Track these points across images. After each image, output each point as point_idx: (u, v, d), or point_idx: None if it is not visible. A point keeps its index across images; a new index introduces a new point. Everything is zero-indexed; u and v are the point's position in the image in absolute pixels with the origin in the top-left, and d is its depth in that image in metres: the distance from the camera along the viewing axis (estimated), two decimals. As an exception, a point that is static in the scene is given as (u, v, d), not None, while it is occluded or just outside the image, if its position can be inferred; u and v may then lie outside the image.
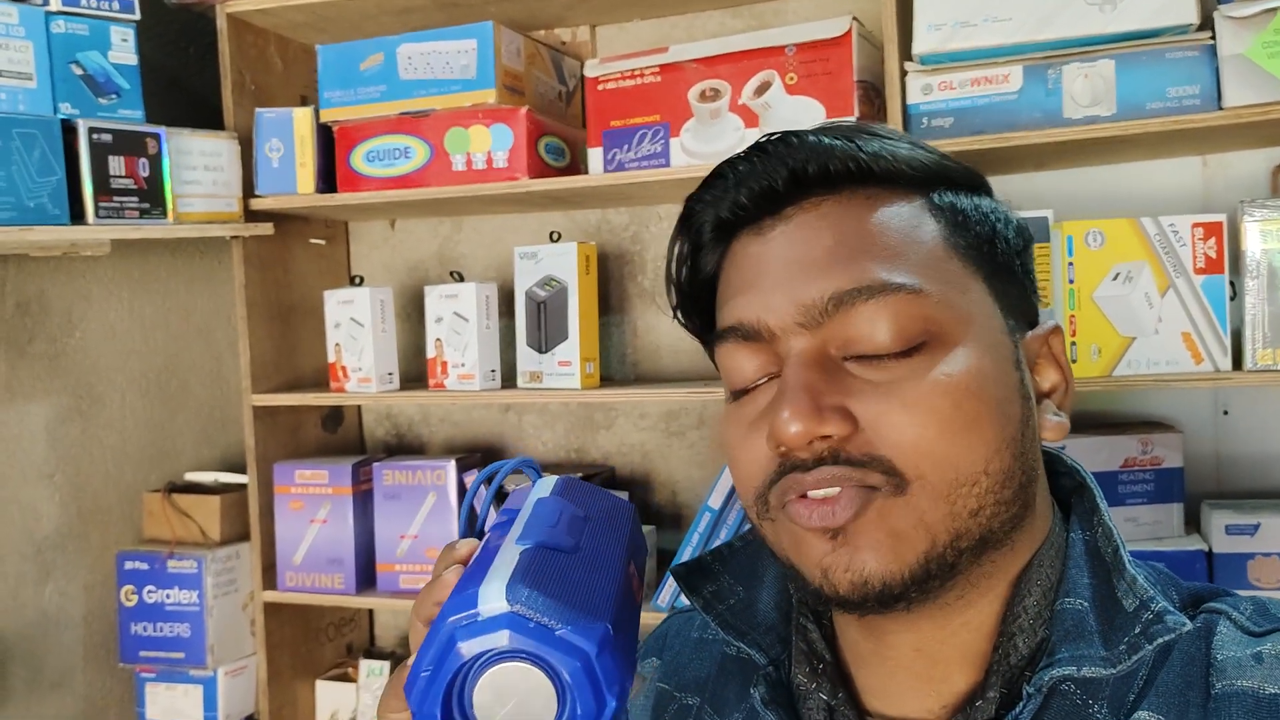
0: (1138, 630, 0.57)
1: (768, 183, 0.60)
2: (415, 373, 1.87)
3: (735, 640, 0.68)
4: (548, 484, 0.60)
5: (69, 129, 1.42)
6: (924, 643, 0.61)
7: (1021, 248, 0.64)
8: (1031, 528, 0.61)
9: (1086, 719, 0.56)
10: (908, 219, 0.60)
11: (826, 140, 0.60)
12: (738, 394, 0.62)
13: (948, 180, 0.63)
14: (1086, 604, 0.59)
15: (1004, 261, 0.62)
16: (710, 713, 0.71)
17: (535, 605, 0.49)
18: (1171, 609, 0.57)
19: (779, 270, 0.59)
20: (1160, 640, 0.56)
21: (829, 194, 0.60)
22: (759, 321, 0.59)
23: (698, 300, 0.67)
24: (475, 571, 0.52)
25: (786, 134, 0.61)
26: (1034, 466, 0.60)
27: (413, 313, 1.90)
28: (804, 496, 0.57)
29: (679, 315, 0.68)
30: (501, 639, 0.49)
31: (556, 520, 0.55)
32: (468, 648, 0.49)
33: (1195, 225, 1.31)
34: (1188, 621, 0.57)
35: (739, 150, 0.63)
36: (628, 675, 0.50)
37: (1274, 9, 1.22)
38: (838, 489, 0.55)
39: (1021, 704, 0.56)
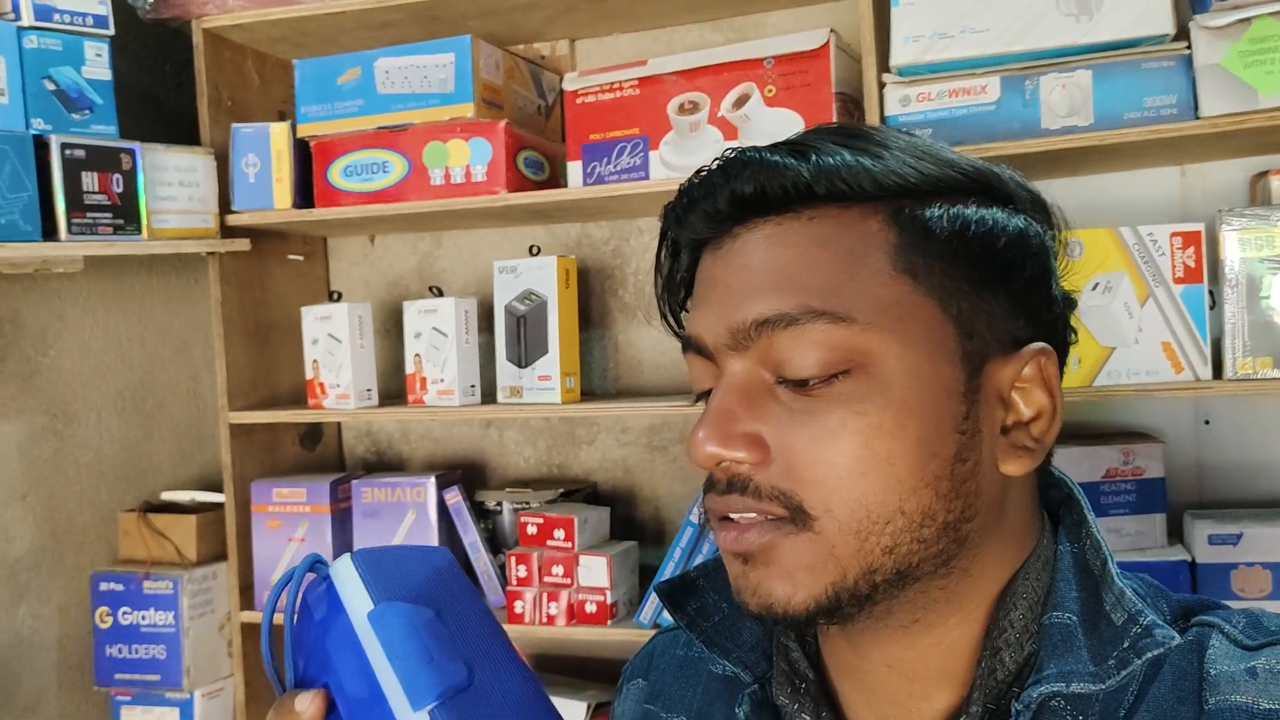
0: (1126, 644, 0.56)
1: (711, 205, 0.60)
2: (395, 389, 1.86)
3: (720, 658, 0.67)
4: (350, 581, 0.54)
5: (41, 145, 1.40)
6: (894, 660, 0.60)
7: (1023, 263, 0.59)
8: (1001, 549, 0.59)
9: None
10: (848, 241, 0.57)
11: (774, 158, 0.58)
12: (699, 399, 0.64)
13: (935, 191, 0.59)
14: (1075, 618, 0.57)
15: (985, 279, 0.58)
16: None
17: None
18: (1160, 622, 0.56)
19: (719, 291, 0.59)
20: (1149, 655, 0.55)
21: (770, 215, 0.59)
22: (701, 339, 0.60)
23: (681, 307, 0.67)
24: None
25: (741, 151, 0.60)
26: (972, 503, 0.57)
27: (392, 329, 1.89)
28: (724, 518, 0.58)
29: (665, 319, 0.68)
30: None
31: (421, 643, 0.51)
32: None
33: (1174, 234, 1.31)
34: (1176, 635, 0.56)
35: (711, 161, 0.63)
36: None
37: (1249, 19, 1.23)
38: (751, 515, 0.56)
39: None
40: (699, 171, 0.62)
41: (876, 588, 0.55)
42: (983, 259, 0.58)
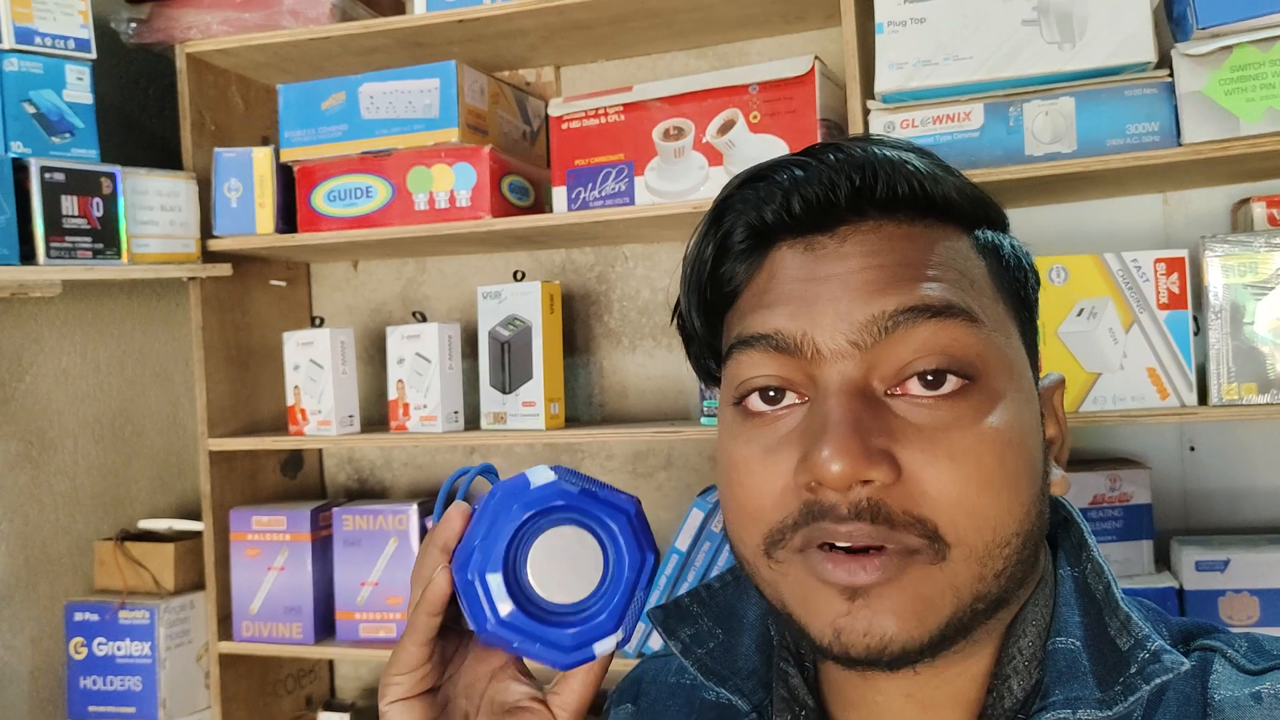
0: (1134, 670, 0.54)
1: (826, 194, 0.55)
2: (377, 416, 1.84)
3: (715, 686, 0.65)
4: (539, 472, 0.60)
5: (20, 168, 1.39)
6: (916, 690, 0.58)
7: (1036, 295, 0.62)
8: (1032, 578, 0.59)
9: None
10: (963, 254, 0.57)
11: (891, 154, 0.56)
12: (749, 411, 0.57)
13: (988, 217, 0.60)
14: (1079, 644, 0.57)
15: (1030, 309, 0.61)
16: None
17: (577, 478, 0.58)
18: (1169, 648, 0.55)
19: (834, 287, 0.54)
20: (1158, 681, 0.54)
21: (887, 217, 0.56)
22: (804, 336, 0.54)
23: (710, 305, 0.62)
24: (486, 505, 0.58)
25: (845, 143, 0.57)
26: (1046, 522, 0.58)
27: (375, 355, 1.88)
28: (831, 548, 0.52)
29: (691, 318, 0.63)
30: (554, 498, 0.57)
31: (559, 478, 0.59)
32: (523, 508, 0.56)
33: (1158, 261, 1.31)
34: (1185, 661, 0.55)
35: (780, 156, 0.60)
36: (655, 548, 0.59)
37: (1229, 47, 1.24)
38: (870, 551, 0.51)
39: None
40: (786, 159, 0.58)
41: (978, 616, 0.53)
42: (1020, 286, 0.60)
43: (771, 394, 0.56)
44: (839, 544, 0.52)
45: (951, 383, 0.53)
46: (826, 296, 0.54)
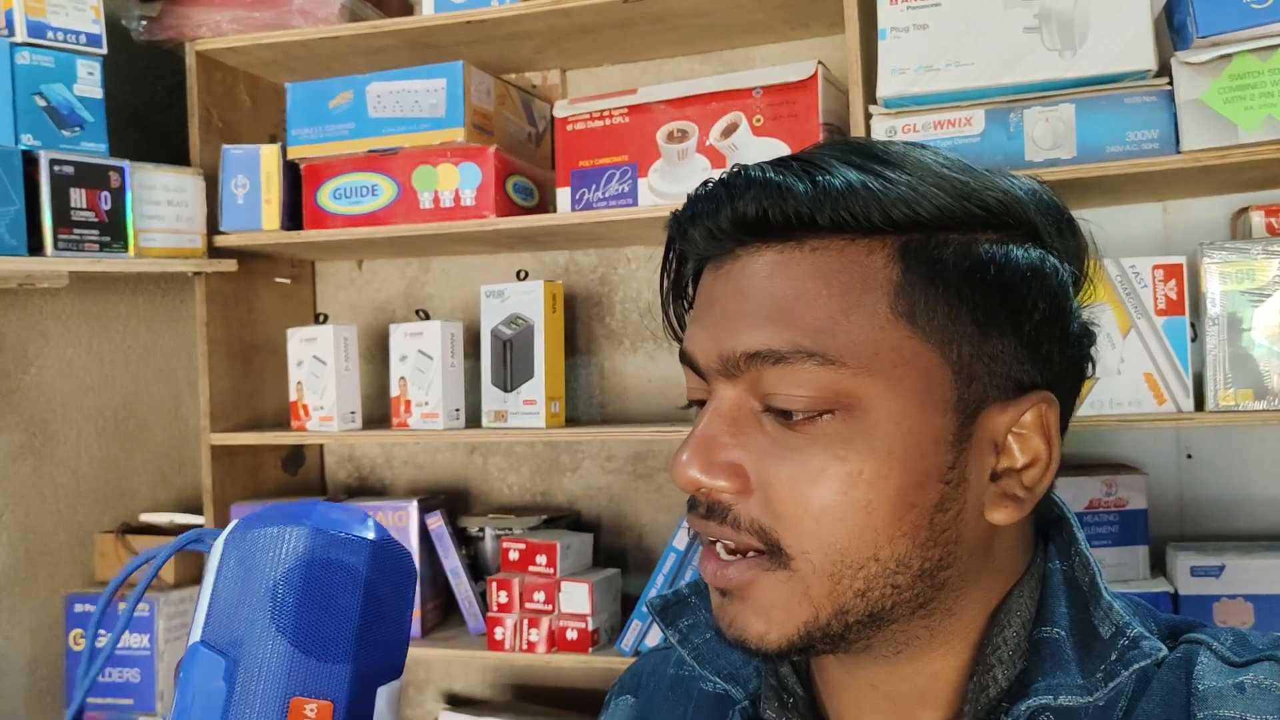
0: (1114, 657, 0.56)
1: (713, 223, 0.58)
2: (379, 414, 1.85)
3: (711, 675, 0.67)
4: (206, 579, 0.49)
5: (30, 160, 1.40)
6: (877, 681, 0.60)
7: (1035, 304, 0.56)
8: (988, 586, 0.59)
9: None
10: (850, 277, 0.55)
11: (779, 179, 0.56)
12: (692, 405, 0.63)
13: (948, 224, 0.56)
14: (1064, 633, 0.58)
15: (993, 322, 0.56)
16: None
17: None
18: (1148, 634, 0.56)
19: (715, 313, 0.58)
20: (1136, 666, 0.55)
21: (773, 240, 0.57)
22: (694, 359, 0.59)
23: (685, 312, 0.67)
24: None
25: (746, 169, 0.58)
26: (952, 550, 0.56)
27: (377, 354, 1.89)
28: (708, 543, 0.58)
29: (668, 325, 0.67)
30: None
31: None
32: None
33: (1156, 267, 1.32)
34: (1164, 647, 0.56)
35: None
36: None
37: (1229, 55, 1.25)
38: (734, 558, 0.57)
39: None
40: (705, 183, 0.59)
41: (849, 628, 0.56)
42: (992, 301, 0.55)
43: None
44: (710, 539, 0.58)
45: (803, 414, 0.55)
46: (709, 325, 0.59)
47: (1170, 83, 1.29)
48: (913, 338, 0.55)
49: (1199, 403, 1.33)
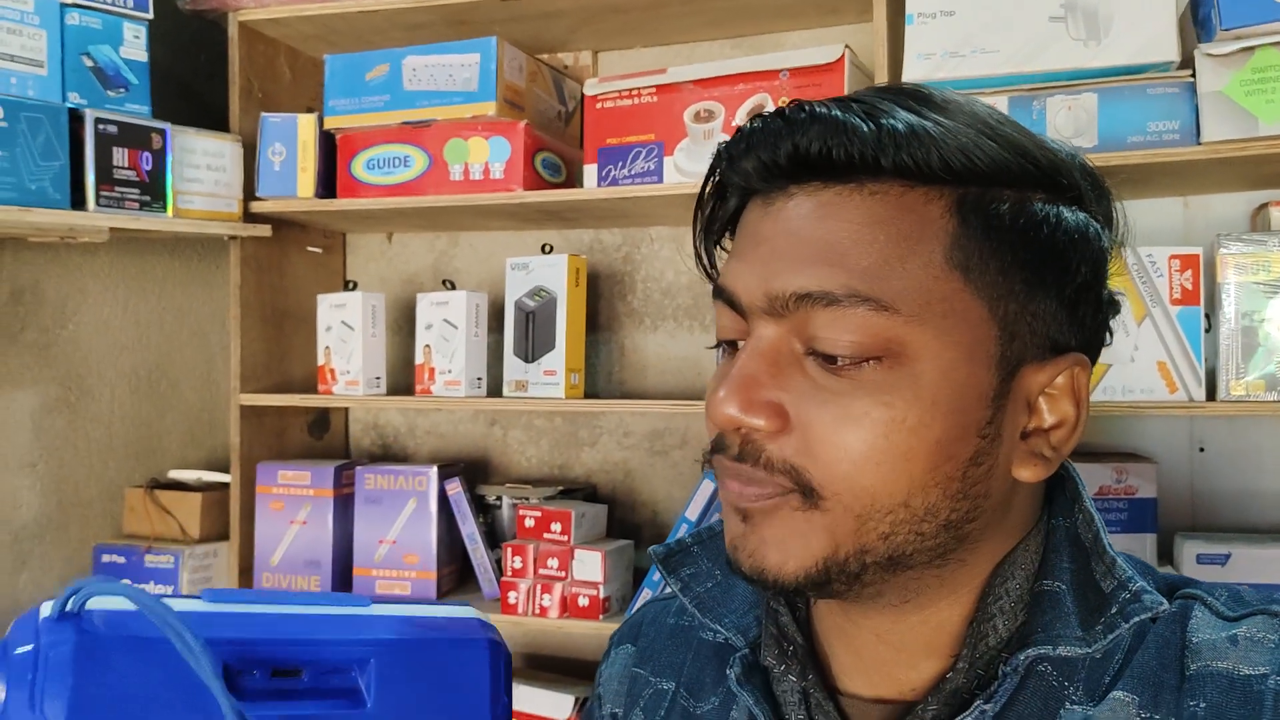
0: (1114, 610, 0.56)
1: (770, 157, 0.57)
2: (404, 385, 1.89)
3: (712, 624, 0.67)
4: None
5: (76, 118, 1.45)
6: (882, 631, 0.61)
7: (1079, 267, 0.57)
8: (1001, 539, 0.60)
9: (1062, 699, 0.56)
10: (907, 224, 0.55)
11: (844, 118, 0.55)
12: (721, 345, 0.63)
13: (1001, 179, 0.56)
14: (1064, 586, 0.58)
15: (1041, 281, 0.56)
16: (686, 696, 0.70)
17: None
18: (1149, 589, 0.57)
19: (763, 252, 0.57)
20: (1136, 619, 0.55)
21: (830, 181, 0.56)
22: (735, 296, 0.58)
23: (717, 247, 0.66)
24: None
25: (811, 104, 0.57)
26: (979, 504, 0.57)
27: (404, 326, 1.92)
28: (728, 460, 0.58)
29: (699, 260, 0.65)
30: None
31: None
32: None
33: (1172, 257, 1.33)
34: (1165, 601, 0.56)
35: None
36: None
37: (1252, 48, 1.26)
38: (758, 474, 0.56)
39: (997, 683, 0.56)
40: (760, 116, 0.58)
41: (866, 568, 0.56)
42: (1042, 260, 0.56)
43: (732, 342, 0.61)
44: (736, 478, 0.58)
45: (850, 360, 0.55)
46: (756, 263, 0.58)
47: (1193, 74, 1.30)
48: (965, 291, 0.55)
49: (1211, 393, 1.34)
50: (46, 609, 0.45)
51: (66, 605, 0.45)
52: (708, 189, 0.63)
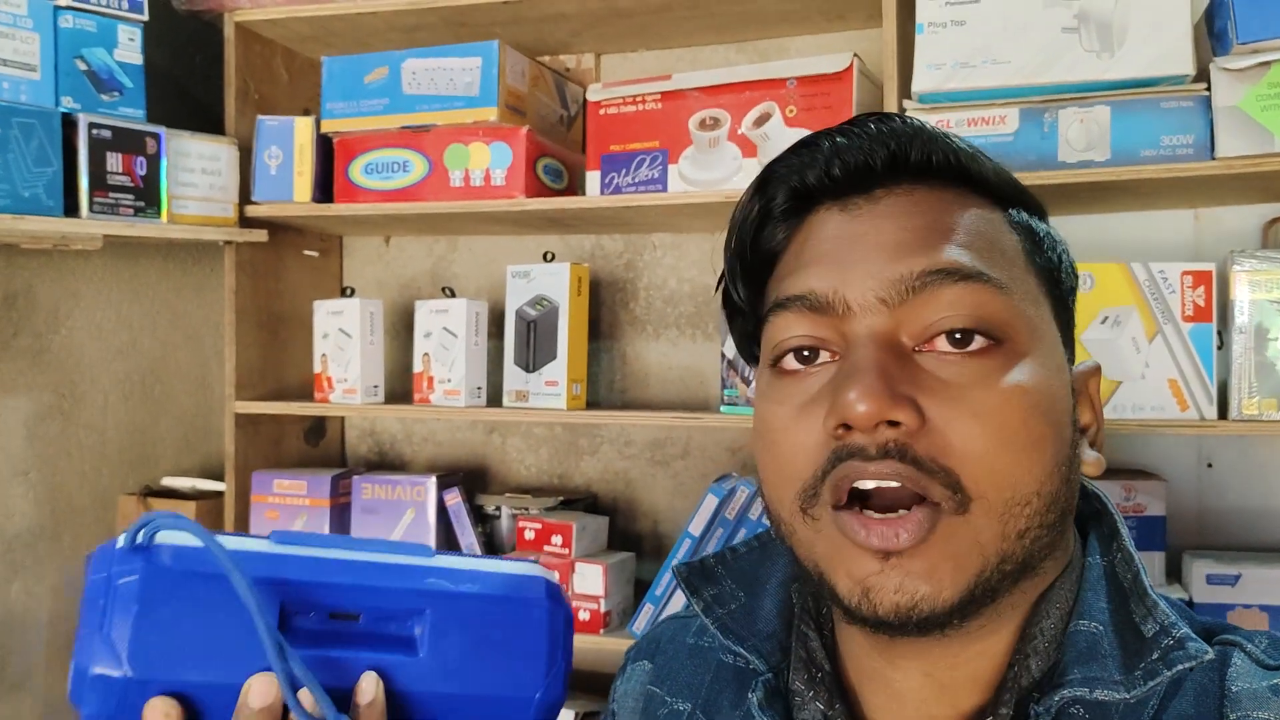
0: (1156, 656, 0.55)
1: (865, 159, 0.58)
2: (401, 391, 1.86)
3: (735, 646, 0.66)
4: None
5: (69, 123, 1.42)
6: (934, 669, 0.59)
7: (1073, 286, 0.63)
8: (1060, 555, 0.60)
9: None
10: (994, 224, 0.59)
11: (929, 129, 0.59)
12: (783, 370, 0.58)
13: (1023, 201, 0.62)
14: (1102, 627, 0.57)
15: (1063, 293, 0.61)
16: (702, 719, 0.69)
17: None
18: (1194, 636, 0.55)
19: (866, 246, 0.56)
20: (1181, 667, 0.54)
21: (921, 184, 0.59)
22: (835, 294, 0.56)
23: (752, 271, 0.63)
24: None
25: (887, 115, 0.60)
26: (1074, 495, 0.58)
27: (402, 331, 1.90)
28: (860, 511, 0.53)
29: (735, 287, 0.64)
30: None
31: None
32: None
33: (1185, 273, 1.32)
34: (1209, 649, 0.55)
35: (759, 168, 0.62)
36: None
37: (1268, 63, 1.24)
38: (900, 513, 0.52)
39: None
40: (834, 128, 0.60)
41: (1004, 579, 0.54)
42: (1063, 274, 0.61)
43: (806, 354, 0.57)
44: (866, 485, 0.53)
45: (978, 341, 0.54)
46: (858, 255, 0.56)
47: (1208, 88, 1.28)
48: (1039, 289, 0.59)
49: (1223, 411, 1.32)
50: (121, 540, 0.48)
51: (136, 537, 0.48)
52: (754, 211, 0.62)
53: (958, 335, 0.54)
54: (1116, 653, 0.56)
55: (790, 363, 0.58)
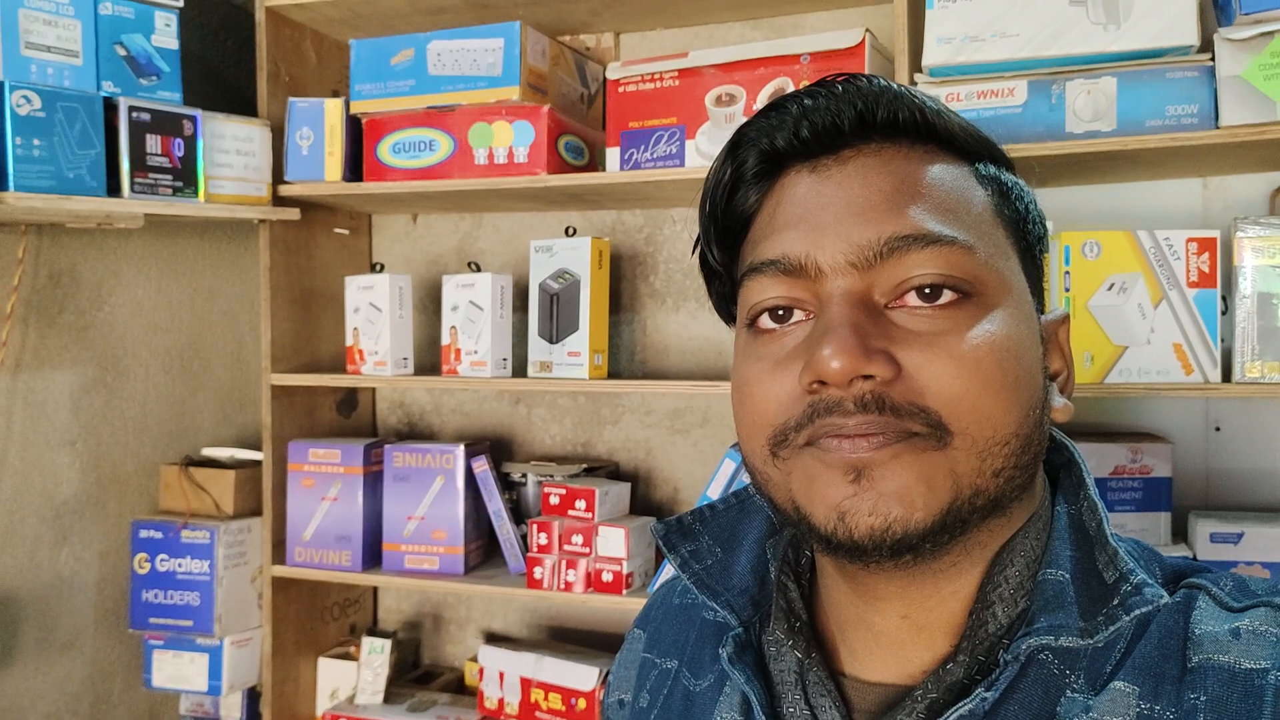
0: (1116, 602, 0.56)
1: (832, 120, 0.59)
2: (429, 364, 1.92)
3: (709, 600, 0.68)
4: None
5: (110, 106, 1.48)
6: (911, 610, 0.61)
7: (1042, 234, 0.65)
8: (1027, 500, 0.61)
9: (1063, 688, 0.56)
10: (961, 180, 0.60)
11: (895, 87, 0.60)
12: (759, 330, 0.60)
13: (990, 154, 0.64)
14: (1067, 575, 0.58)
15: (1031, 243, 0.63)
16: (687, 675, 0.72)
17: None
18: (1150, 581, 0.57)
19: (835, 209, 0.58)
20: (1137, 612, 0.56)
21: (890, 142, 0.60)
22: (807, 257, 0.58)
23: (727, 234, 0.65)
24: None
25: (854, 76, 0.61)
26: (1045, 440, 0.60)
27: (429, 305, 1.96)
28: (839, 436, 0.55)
29: (710, 251, 0.66)
30: None
31: None
32: None
33: (1190, 240, 1.35)
34: (1165, 594, 0.57)
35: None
36: None
37: (1272, 32, 1.27)
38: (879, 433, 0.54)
39: (998, 671, 0.56)
40: (802, 90, 0.61)
41: (975, 512, 0.56)
42: (1030, 224, 0.63)
43: (780, 313, 0.60)
44: (858, 433, 0.55)
45: (947, 295, 0.56)
46: (829, 219, 0.58)
47: (1212, 58, 1.31)
48: (1007, 240, 0.61)
49: (1226, 374, 1.35)
50: None
51: None
52: (725, 175, 0.63)
53: (928, 290, 0.56)
54: (1079, 600, 0.57)
55: (766, 322, 0.60)
